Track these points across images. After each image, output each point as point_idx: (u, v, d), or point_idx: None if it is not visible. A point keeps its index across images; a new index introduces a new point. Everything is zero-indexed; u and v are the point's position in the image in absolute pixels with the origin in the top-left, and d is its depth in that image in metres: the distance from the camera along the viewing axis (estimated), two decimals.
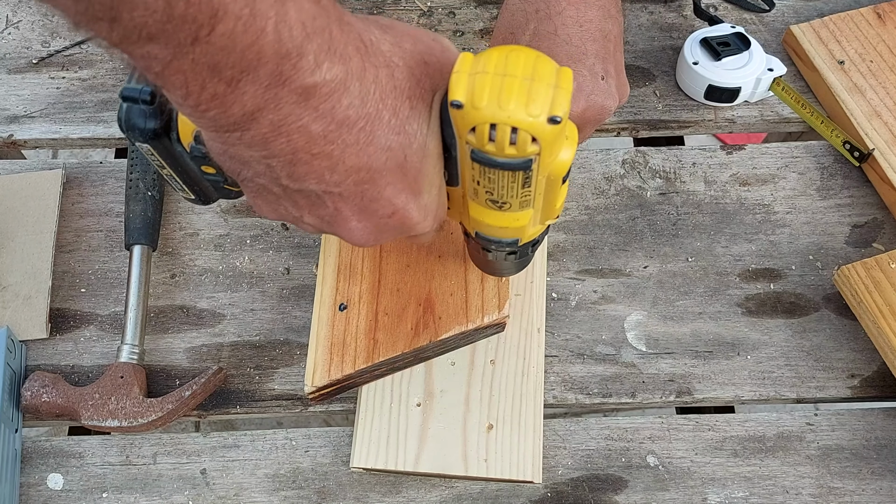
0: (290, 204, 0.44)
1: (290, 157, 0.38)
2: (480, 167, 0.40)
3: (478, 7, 0.85)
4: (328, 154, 0.38)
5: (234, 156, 0.40)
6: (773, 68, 0.76)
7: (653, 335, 0.69)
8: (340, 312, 0.61)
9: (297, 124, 0.37)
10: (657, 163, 0.76)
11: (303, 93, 0.35)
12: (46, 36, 0.83)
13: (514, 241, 0.48)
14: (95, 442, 0.66)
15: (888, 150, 0.72)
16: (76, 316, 0.70)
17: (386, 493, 0.64)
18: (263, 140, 0.37)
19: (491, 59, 0.37)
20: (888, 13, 0.79)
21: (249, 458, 0.65)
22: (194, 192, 0.53)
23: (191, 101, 0.35)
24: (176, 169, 0.50)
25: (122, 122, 0.46)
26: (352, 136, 0.38)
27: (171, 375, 0.68)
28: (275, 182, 0.41)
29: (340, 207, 0.42)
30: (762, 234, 0.73)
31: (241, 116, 0.36)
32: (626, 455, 0.65)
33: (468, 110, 0.37)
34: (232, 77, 0.34)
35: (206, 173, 0.49)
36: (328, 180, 0.40)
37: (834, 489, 0.63)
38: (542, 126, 0.36)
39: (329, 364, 0.59)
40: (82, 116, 0.79)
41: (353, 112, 0.38)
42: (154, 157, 0.49)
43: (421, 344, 0.59)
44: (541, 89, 0.36)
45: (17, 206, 0.73)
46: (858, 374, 0.67)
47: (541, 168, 0.40)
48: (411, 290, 0.61)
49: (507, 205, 0.43)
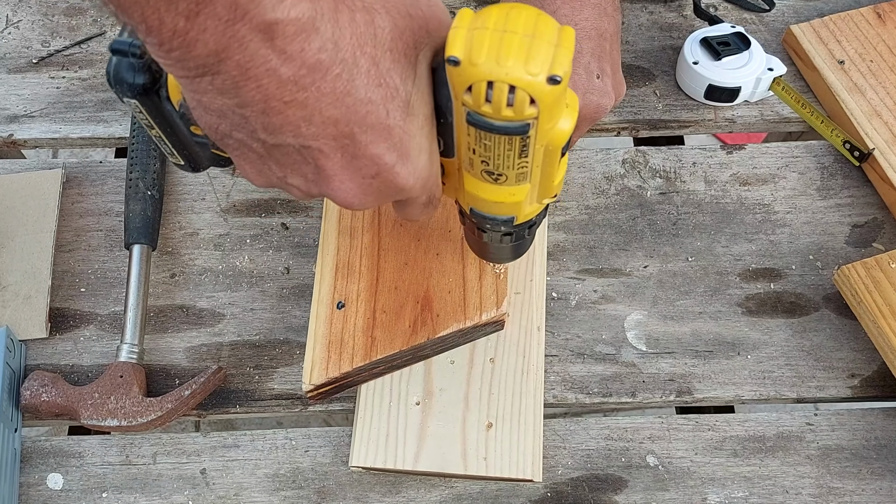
0: (273, 163, 0.42)
1: (262, 106, 0.37)
2: (476, 132, 0.39)
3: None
4: (302, 102, 0.37)
5: (208, 106, 0.39)
6: (773, 68, 0.76)
7: (653, 335, 0.69)
8: (338, 311, 0.61)
9: (264, 67, 0.35)
10: (657, 162, 0.76)
11: (266, 30, 0.34)
12: (46, 35, 0.83)
13: (509, 220, 0.47)
14: (95, 442, 0.66)
15: (888, 150, 0.72)
16: (76, 315, 0.70)
17: (386, 493, 0.63)
18: (234, 85, 0.36)
19: (491, 15, 0.36)
20: (888, 13, 0.79)
21: (249, 457, 0.65)
22: (183, 156, 0.51)
23: (153, 37, 0.34)
24: (164, 129, 0.48)
25: (110, 77, 0.45)
26: (326, 84, 0.36)
27: (171, 375, 0.68)
28: (252, 137, 0.40)
29: (323, 164, 0.40)
30: (762, 233, 0.73)
31: (206, 57, 0.35)
32: (625, 455, 0.65)
33: (465, 67, 0.36)
34: (189, 10, 0.33)
35: (195, 135, 0.48)
36: (305, 133, 0.38)
37: (834, 489, 0.63)
38: (541, 86, 0.35)
39: (327, 362, 0.59)
40: (82, 116, 0.79)
41: (326, 56, 0.36)
42: (143, 116, 0.47)
43: (419, 341, 0.59)
44: (541, 47, 0.35)
45: (17, 205, 0.73)
46: (858, 374, 0.67)
47: (539, 135, 0.39)
48: (409, 288, 0.61)
49: (503, 177, 0.42)
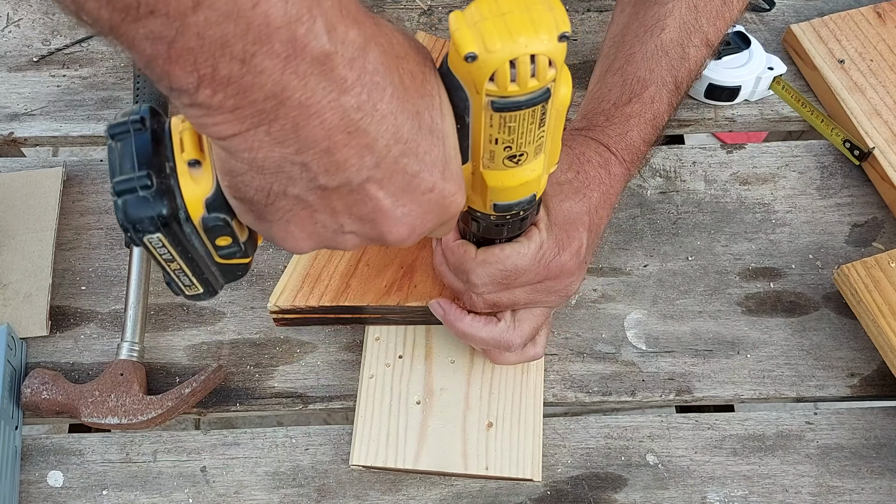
0: (327, 215, 0.41)
1: (326, 144, 0.36)
2: (500, 119, 0.40)
3: None
4: (364, 130, 0.36)
5: (262, 164, 0.37)
6: (774, 67, 0.76)
7: (653, 334, 0.69)
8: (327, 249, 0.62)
9: (326, 100, 0.35)
10: (657, 161, 0.76)
11: (325, 61, 0.34)
12: (47, 34, 0.83)
13: (531, 198, 0.48)
14: (95, 439, 0.66)
15: (888, 149, 0.72)
16: (76, 313, 0.70)
17: (386, 492, 0.64)
18: (294, 128, 0.35)
19: (482, 7, 0.38)
20: (888, 12, 0.79)
21: (249, 455, 0.65)
22: (203, 282, 0.48)
23: (206, 90, 0.33)
24: (186, 257, 0.45)
25: (123, 221, 0.41)
26: (384, 105, 0.36)
27: (171, 373, 0.68)
28: (311, 185, 0.38)
29: (380, 197, 0.40)
30: (762, 233, 0.73)
31: (263, 101, 0.34)
32: (625, 453, 0.65)
33: (484, 57, 0.37)
34: (245, 51, 0.32)
35: (220, 247, 0.46)
36: (368, 163, 0.38)
37: (833, 488, 0.63)
38: (557, 46, 0.38)
39: (297, 291, 0.62)
40: (83, 114, 0.79)
41: (380, 78, 0.36)
42: (164, 250, 0.43)
43: (388, 303, 0.61)
44: (542, 14, 0.37)
45: (18, 203, 0.73)
46: (858, 373, 0.67)
47: (554, 99, 0.41)
48: (398, 252, 0.63)
49: (524, 156, 0.43)
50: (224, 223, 0.43)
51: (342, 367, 0.68)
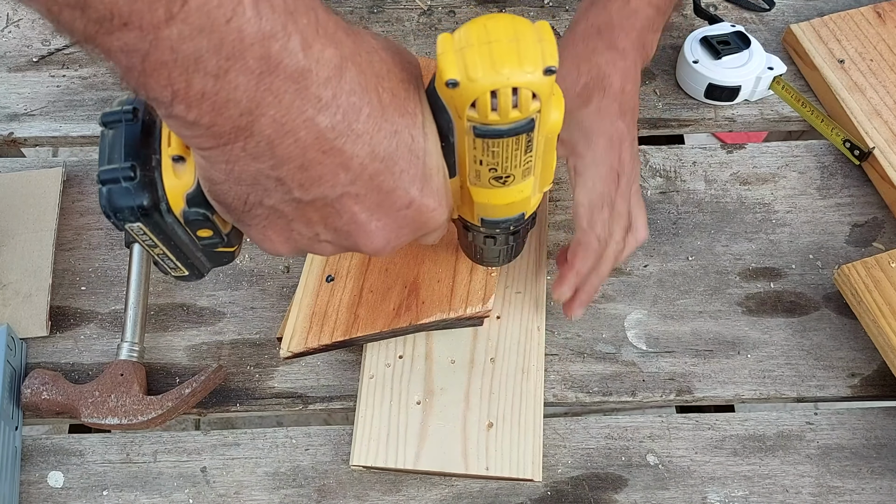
0: (303, 224, 0.41)
1: (300, 161, 0.36)
2: (483, 143, 0.40)
3: (478, 6, 0.85)
4: (340, 149, 0.37)
5: (239, 176, 0.38)
6: (774, 67, 0.76)
7: (653, 334, 0.69)
8: (327, 283, 0.62)
9: (301, 118, 0.35)
10: (657, 161, 0.76)
11: (299, 79, 0.34)
12: (47, 34, 0.83)
13: (520, 217, 0.48)
14: (96, 440, 0.66)
15: (888, 149, 0.72)
16: (76, 314, 0.70)
17: (386, 492, 0.64)
18: (269, 145, 0.35)
19: (471, 32, 0.37)
20: (888, 12, 0.79)
21: (250, 456, 0.65)
22: (188, 266, 0.50)
23: (180, 104, 0.33)
24: (168, 244, 0.47)
25: (106, 208, 0.43)
26: (359, 125, 0.37)
27: (171, 373, 0.68)
28: (286, 198, 0.39)
29: (356, 211, 0.40)
30: (762, 233, 0.73)
31: (238, 117, 0.34)
32: (626, 454, 0.65)
33: (465, 85, 0.37)
34: (218, 67, 0.32)
35: (202, 238, 0.47)
36: (343, 181, 0.38)
37: (834, 488, 0.63)
38: (541, 80, 0.37)
39: (308, 332, 0.61)
40: (82, 114, 0.79)
41: (357, 98, 0.36)
42: (146, 237, 0.45)
43: (400, 325, 0.60)
44: (528, 46, 0.37)
45: (18, 204, 0.73)
46: (858, 374, 0.67)
47: (541, 127, 0.40)
48: (399, 272, 0.62)
49: (511, 178, 0.43)
50: (204, 217, 0.44)
51: (342, 367, 0.68)
